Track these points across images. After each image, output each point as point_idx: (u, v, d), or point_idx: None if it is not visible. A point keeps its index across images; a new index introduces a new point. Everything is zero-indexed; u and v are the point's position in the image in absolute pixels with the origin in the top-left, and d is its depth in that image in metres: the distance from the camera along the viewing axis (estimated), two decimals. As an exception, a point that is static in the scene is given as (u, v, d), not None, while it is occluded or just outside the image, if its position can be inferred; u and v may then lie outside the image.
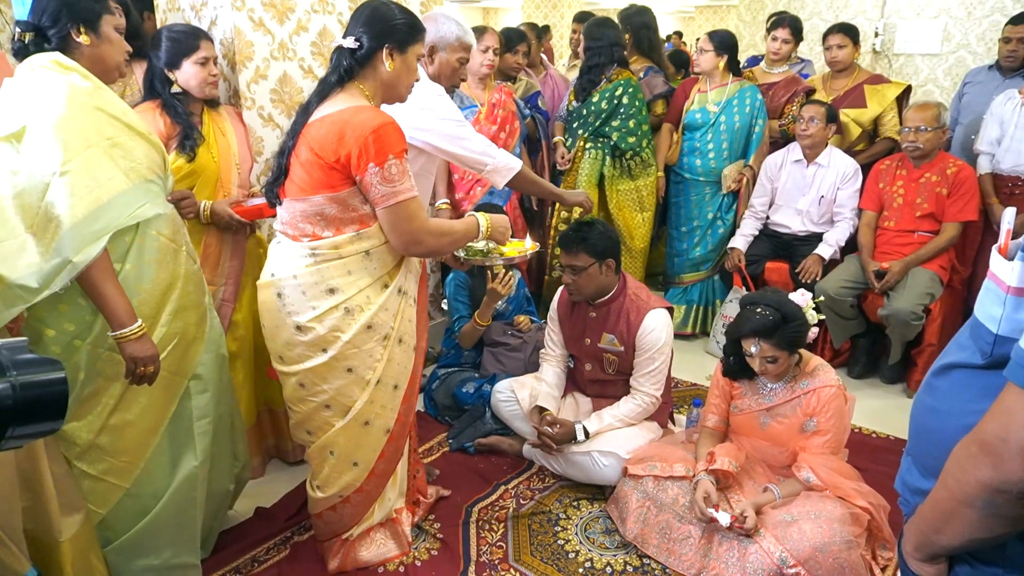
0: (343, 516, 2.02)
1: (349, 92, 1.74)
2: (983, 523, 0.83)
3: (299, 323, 1.78)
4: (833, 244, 3.31)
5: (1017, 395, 0.77)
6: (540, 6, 10.16)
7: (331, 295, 1.77)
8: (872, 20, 5.26)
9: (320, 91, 1.75)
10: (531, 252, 2.24)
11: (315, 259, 1.75)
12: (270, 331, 1.87)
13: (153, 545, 1.86)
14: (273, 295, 1.81)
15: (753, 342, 2.04)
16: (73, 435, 1.69)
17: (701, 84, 3.68)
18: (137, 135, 1.70)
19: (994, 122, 3.24)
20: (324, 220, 1.73)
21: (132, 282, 1.68)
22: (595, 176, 3.56)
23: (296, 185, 1.74)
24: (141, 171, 1.68)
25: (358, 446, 1.92)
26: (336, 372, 1.82)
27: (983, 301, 0.90)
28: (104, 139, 1.61)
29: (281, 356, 1.86)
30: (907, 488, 1.02)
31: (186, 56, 2.16)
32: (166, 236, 1.75)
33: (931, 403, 0.97)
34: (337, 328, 1.78)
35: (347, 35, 1.75)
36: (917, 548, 0.95)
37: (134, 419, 1.75)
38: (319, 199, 1.70)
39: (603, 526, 2.28)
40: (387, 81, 1.77)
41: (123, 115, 1.69)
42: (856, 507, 1.96)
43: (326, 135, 1.67)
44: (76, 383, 1.66)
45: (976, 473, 0.81)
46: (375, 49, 1.72)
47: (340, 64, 1.73)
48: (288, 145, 1.76)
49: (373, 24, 1.72)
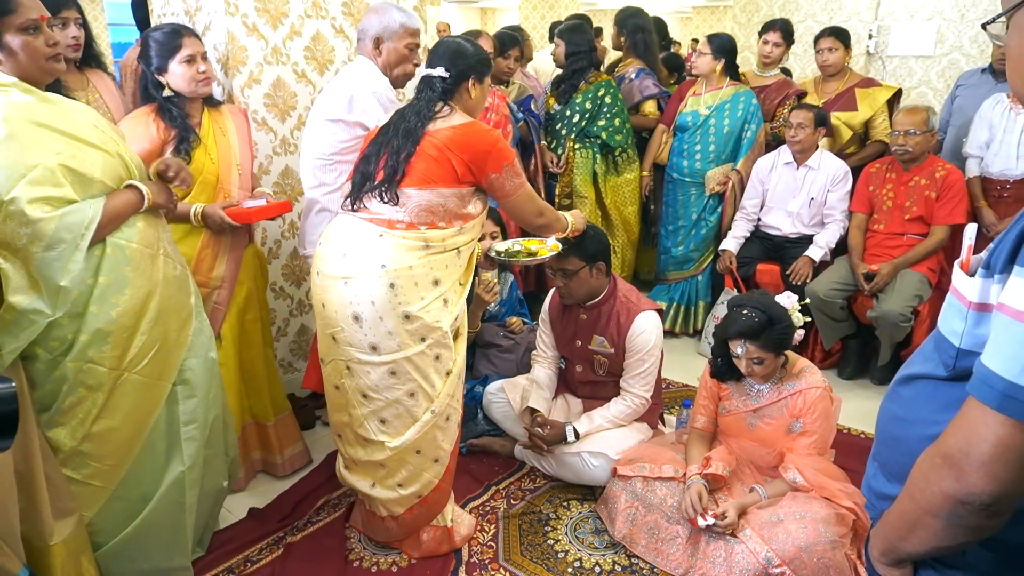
0: (418, 518, 2.11)
1: (456, 112, 1.96)
2: (947, 532, 0.85)
3: (408, 312, 1.87)
4: (823, 246, 3.34)
5: (979, 409, 0.79)
6: (537, 7, 10.18)
7: (436, 286, 1.92)
8: (866, 22, 5.29)
9: (423, 111, 1.92)
10: (556, 252, 2.27)
11: (428, 251, 1.89)
12: (370, 322, 1.88)
13: (143, 549, 1.88)
14: (384, 285, 1.85)
15: (739, 343, 2.06)
16: (57, 441, 1.70)
17: (696, 87, 3.71)
18: (89, 146, 1.67)
19: (983, 125, 3.27)
20: (444, 211, 1.90)
21: (111, 294, 1.68)
22: (589, 175, 3.68)
23: (422, 176, 1.87)
24: (96, 184, 1.66)
25: (441, 441, 2.04)
26: (428, 360, 1.94)
27: (946, 315, 0.92)
28: (52, 154, 1.58)
29: (375, 346, 1.90)
30: (873, 493, 1.04)
31: (170, 57, 2.14)
32: (138, 243, 1.74)
33: (896, 411, 1.00)
34: (438, 318, 1.92)
35: (432, 66, 1.97)
36: (883, 554, 0.98)
37: (118, 425, 1.76)
38: (447, 191, 1.88)
39: (593, 526, 2.31)
40: (470, 106, 2.01)
41: (71, 127, 1.64)
42: (842, 507, 1.99)
43: (462, 137, 1.88)
44: (59, 394, 1.68)
45: (940, 485, 0.83)
46: (461, 80, 1.96)
47: (434, 87, 1.95)
48: (408, 150, 1.88)
49: (457, 59, 1.96)
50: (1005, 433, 0.77)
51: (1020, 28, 0.82)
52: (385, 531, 2.16)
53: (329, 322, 1.94)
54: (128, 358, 1.74)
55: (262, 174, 2.72)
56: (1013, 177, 3.17)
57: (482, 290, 2.73)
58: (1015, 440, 0.76)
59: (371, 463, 2.04)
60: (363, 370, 1.93)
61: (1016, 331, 0.76)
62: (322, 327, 1.99)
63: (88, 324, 1.66)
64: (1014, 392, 0.76)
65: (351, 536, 2.26)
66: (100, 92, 2.46)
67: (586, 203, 3.68)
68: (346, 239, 1.92)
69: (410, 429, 1.97)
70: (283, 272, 2.94)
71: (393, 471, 2.04)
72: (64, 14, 2.28)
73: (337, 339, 1.94)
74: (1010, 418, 0.76)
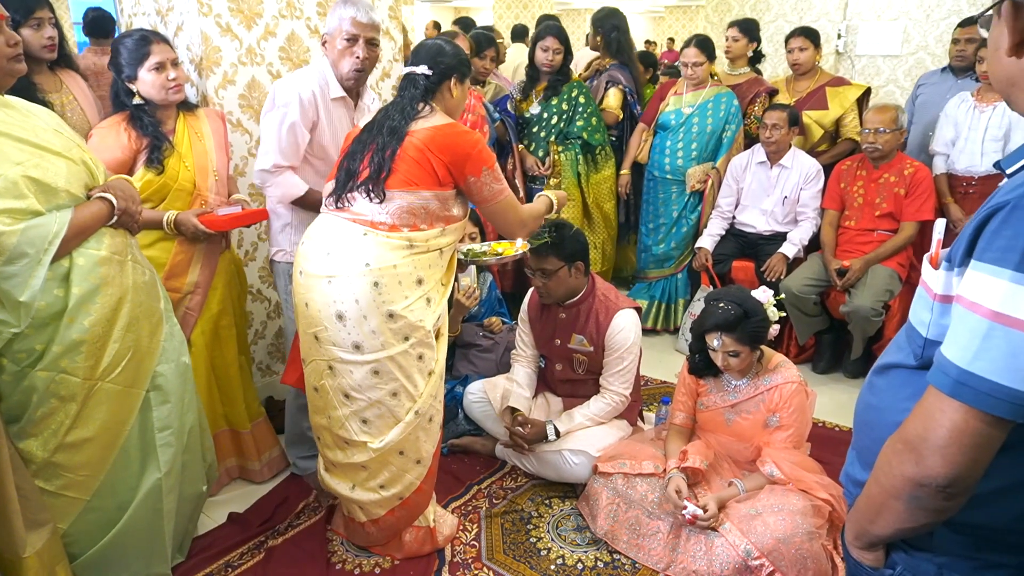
0: (399, 520, 2.10)
1: (437, 112, 1.95)
2: (909, 514, 0.89)
3: (392, 311, 1.87)
4: (797, 243, 3.39)
5: (936, 397, 0.83)
6: (511, 6, 10.20)
7: (419, 285, 1.92)
8: (835, 22, 5.39)
9: (405, 107, 1.92)
10: (522, 251, 2.30)
11: (412, 250, 1.89)
12: (354, 320, 1.87)
13: (121, 558, 1.85)
14: (369, 284, 1.85)
15: (716, 336, 2.09)
16: (28, 453, 1.66)
17: (677, 87, 3.76)
18: (52, 154, 1.61)
19: (948, 124, 3.35)
20: (426, 214, 1.90)
21: (83, 303, 1.65)
22: (575, 175, 3.74)
23: (406, 179, 1.87)
24: (60, 194, 1.61)
25: (424, 442, 2.04)
26: (411, 359, 1.94)
27: (915, 307, 0.96)
28: (13, 165, 1.52)
29: (358, 345, 1.89)
30: (850, 480, 1.08)
31: (139, 64, 2.09)
32: (106, 251, 1.70)
33: (870, 400, 1.03)
34: (421, 317, 1.92)
35: (415, 64, 1.96)
36: (857, 537, 1.01)
37: (92, 435, 1.72)
38: (428, 194, 1.88)
39: (574, 523, 2.32)
40: (451, 106, 2.01)
41: (32, 135, 1.59)
42: (818, 499, 2.03)
43: (443, 139, 1.88)
44: (29, 404, 1.64)
45: (901, 469, 0.87)
46: (443, 79, 1.96)
47: (417, 85, 1.94)
48: (393, 147, 1.88)
49: (440, 58, 1.95)
50: (959, 418, 0.81)
51: (1001, 24, 0.86)
52: (365, 535, 2.15)
53: (312, 321, 1.93)
54: (102, 367, 1.71)
55: (237, 176, 2.69)
56: (978, 173, 3.26)
57: (462, 296, 2.73)
58: (968, 425, 0.80)
59: (351, 465, 2.03)
60: (346, 370, 1.93)
61: (969, 321, 0.80)
62: (304, 327, 1.97)
63: (61, 335, 1.62)
64: (966, 379, 0.79)
65: (333, 539, 2.25)
66: (74, 94, 2.42)
67: (575, 204, 3.72)
68: (329, 238, 1.92)
69: (393, 430, 1.97)
70: (260, 275, 2.91)
71: (375, 473, 2.03)
72: (38, 14, 2.24)
73: (320, 338, 1.93)
74: (963, 404, 0.80)
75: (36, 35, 2.24)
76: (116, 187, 1.75)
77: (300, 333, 2.01)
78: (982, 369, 0.78)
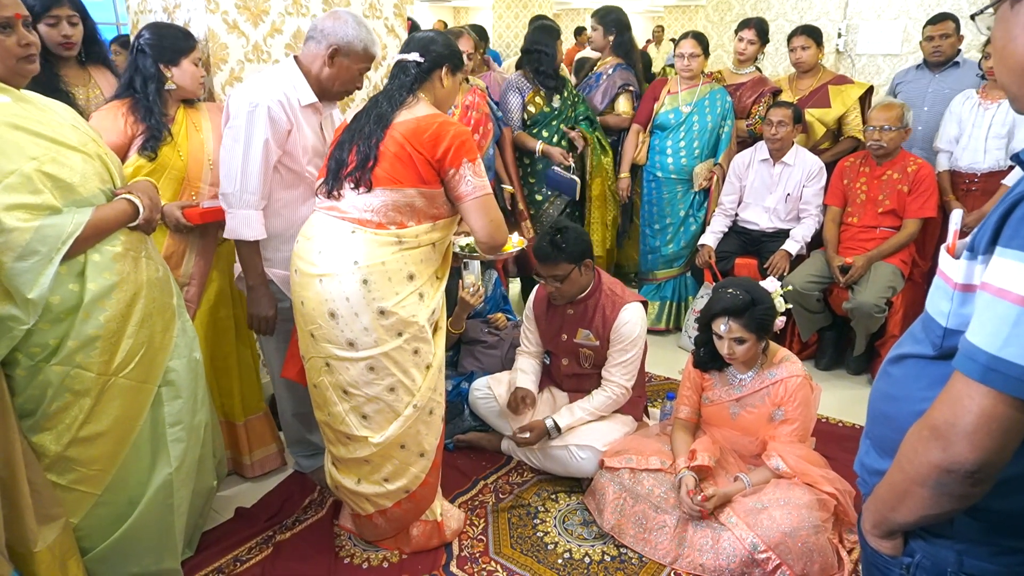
0: (406, 513, 2.11)
1: (423, 101, 1.93)
2: (934, 501, 0.90)
3: (383, 308, 1.88)
4: (799, 240, 3.40)
5: (963, 383, 0.83)
6: (511, 5, 10.19)
7: (411, 280, 1.92)
8: (835, 21, 5.40)
9: (394, 96, 1.91)
10: (518, 248, 2.30)
11: (401, 246, 1.90)
12: (346, 318, 1.88)
13: (133, 552, 1.86)
14: (358, 282, 1.86)
15: (723, 321, 2.11)
16: (41, 447, 1.67)
17: (671, 85, 3.76)
18: (68, 149, 1.62)
19: (953, 121, 3.36)
20: (412, 211, 1.90)
21: (98, 299, 1.66)
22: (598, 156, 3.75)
23: (389, 176, 1.86)
24: (76, 189, 1.61)
25: (426, 435, 2.04)
26: (406, 355, 1.94)
27: (933, 297, 0.96)
28: (29, 160, 1.53)
29: (352, 342, 1.90)
30: (865, 469, 1.09)
31: (184, 55, 2.17)
32: (121, 247, 1.71)
33: (887, 390, 1.04)
34: (414, 312, 1.92)
35: (407, 52, 1.94)
36: (875, 526, 1.02)
37: (105, 430, 1.73)
38: (413, 191, 1.87)
39: (581, 518, 2.34)
40: (440, 97, 1.99)
41: (49, 130, 1.59)
42: (823, 493, 2.04)
43: (423, 132, 1.85)
44: (44, 399, 1.65)
45: (928, 455, 0.87)
46: (435, 68, 1.95)
47: (408, 72, 1.93)
48: (378, 135, 1.87)
49: (432, 47, 1.94)
50: (988, 404, 0.81)
51: (1004, 21, 0.87)
52: (374, 529, 2.16)
53: (307, 319, 1.94)
54: (116, 362, 1.72)
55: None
56: (981, 170, 3.27)
57: (467, 294, 2.73)
58: (997, 410, 0.81)
59: (355, 460, 2.04)
60: (342, 366, 1.94)
61: (998, 308, 0.81)
62: (301, 324, 1.99)
63: (76, 330, 1.63)
64: (996, 365, 0.80)
65: (340, 533, 2.26)
66: (101, 88, 2.46)
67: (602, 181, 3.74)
68: (321, 237, 1.93)
69: (393, 424, 1.98)
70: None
71: (378, 466, 2.04)
72: (55, 12, 2.28)
73: (315, 336, 1.94)
74: (992, 389, 0.81)
75: (52, 32, 2.30)
76: (144, 192, 1.78)
77: (298, 330, 2.03)
78: (1012, 355, 0.79)
